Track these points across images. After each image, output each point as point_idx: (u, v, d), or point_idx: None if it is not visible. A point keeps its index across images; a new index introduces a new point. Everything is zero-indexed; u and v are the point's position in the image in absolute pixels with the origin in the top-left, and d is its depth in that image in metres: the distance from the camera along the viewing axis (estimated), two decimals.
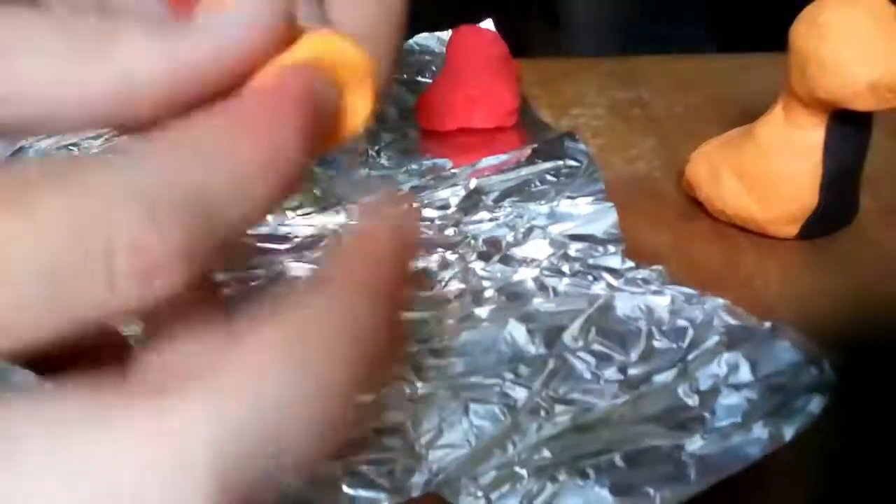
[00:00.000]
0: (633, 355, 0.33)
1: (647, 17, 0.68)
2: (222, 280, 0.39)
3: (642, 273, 0.37)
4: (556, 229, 0.41)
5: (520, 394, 0.31)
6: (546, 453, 0.29)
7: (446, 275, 0.38)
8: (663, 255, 0.41)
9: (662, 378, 0.31)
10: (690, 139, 0.52)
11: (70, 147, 0.55)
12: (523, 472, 0.28)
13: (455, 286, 0.38)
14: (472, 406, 0.31)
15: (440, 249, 0.40)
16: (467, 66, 0.54)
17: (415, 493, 0.28)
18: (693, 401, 0.30)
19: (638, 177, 0.49)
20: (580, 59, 0.63)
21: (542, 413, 0.31)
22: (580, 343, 0.34)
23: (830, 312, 0.37)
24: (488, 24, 0.60)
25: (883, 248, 0.42)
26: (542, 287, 0.37)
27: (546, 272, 0.38)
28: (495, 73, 0.54)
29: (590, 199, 0.43)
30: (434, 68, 0.62)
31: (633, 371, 0.32)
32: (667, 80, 0.60)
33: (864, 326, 0.36)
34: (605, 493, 0.27)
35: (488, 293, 0.37)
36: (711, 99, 0.58)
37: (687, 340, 0.33)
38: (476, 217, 0.43)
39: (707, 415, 0.30)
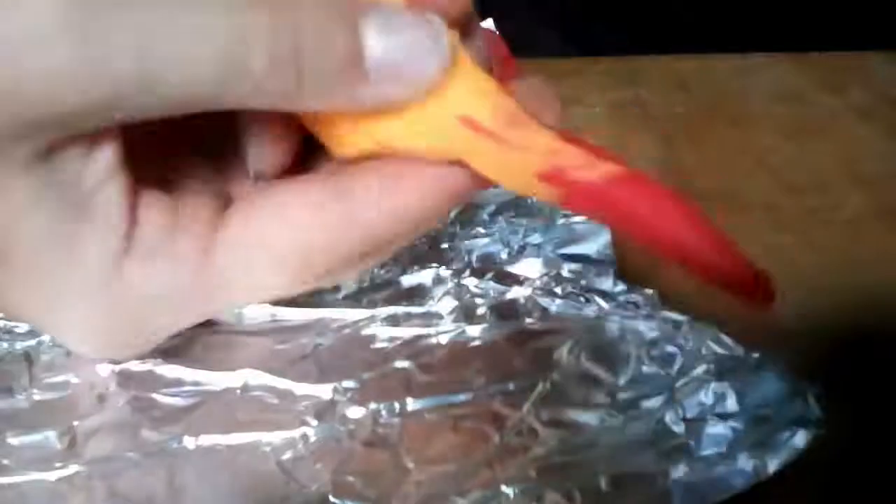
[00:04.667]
0: (622, 380, 0.33)
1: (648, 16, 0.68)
2: None
3: (634, 297, 0.37)
4: (550, 247, 0.41)
5: (509, 414, 0.32)
6: (533, 474, 0.29)
7: (439, 291, 0.39)
8: (663, 261, 0.41)
9: (650, 404, 0.32)
10: (690, 139, 0.52)
11: None
12: (509, 491, 0.29)
13: (448, 303, 0.38)
14: (461, 424, 0.31)
15: (434, 265, 0.40)
16: None
17: None
18: (679, 428, 0.30)
19: None
20: (580, 59, 0.63)
21: (531, 434, 0.31)
22: (570, 366, 0.34)
23: (830, 314, 0.37)
24: (488, 24, 0.60)
25: (883, 249, 0.42)
26: (534, 307, 0.37)
27: (538, 292, 0.38)
28: (495, 73, 0.54)
29: (584, 217, 0.43)
30: None
31: (621, 396, 0.32)
32: (667, 80, 0.60)
33: (863, 330, 0.37)
34: None
35: (480, 311, 0.37)
36: (711, 99, 0.58)
37: (675, 367, 0.33)
38: (471, 231, 0.43)
39: (693, 443, 0.30)
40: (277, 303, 0.38)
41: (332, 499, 0.28)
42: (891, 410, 0.32)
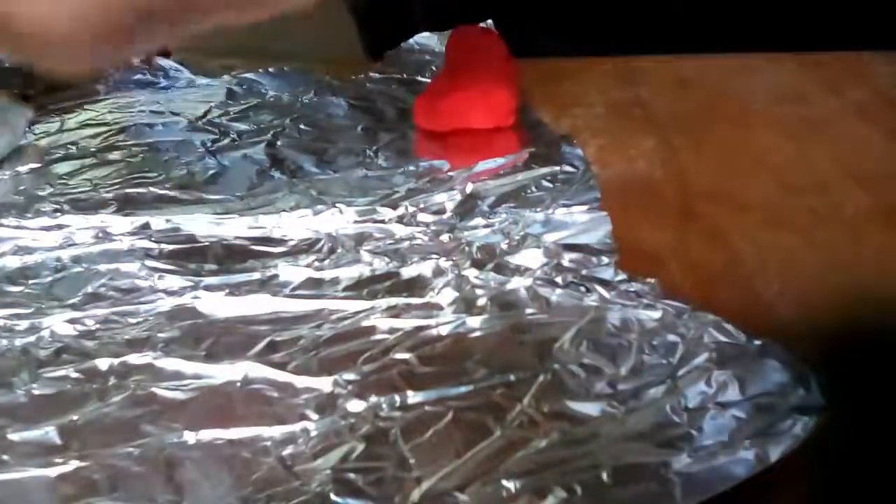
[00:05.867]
0: (623, 370, 0.33)
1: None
2: (215, 284, 0.40)
3: (635, 286, 0.37)
4: (550, 238, 0.41)
5: (510, 406, 0.32)
6: (534, 467, 0.29)
7: (439, 282, 0.39)
8: (662, 255, 0.41)
9: (651, 394, 0.31)
10: (690, 139, 0.52)
11: (69, 146, 0.56)
12: (511, 485, 0.28)
13: (448, 294, 0.38)
14: (462, 417, 0.31)
15: (434, 256, 0.40)
16: (467, 66, 0.55)
17: None
18: (681, 418, 0.30)
19: (638, 177, 0.49)
20: (580, 59, 0.63)
21: (532, 426, 0.31)
22: (571, 356, 0.34)
23: (830, 313, 0.37)
24: (488, 24, 0.60)
25: (883, 249, 0.42)
26: (535, 297, 0.37)
27: (539, 282, 0.38)
28: (495, 73, 0.54)
29: (585, 207, 0.43)
30: (434, 68, 0.62)
31: (622, 386, 0.32)
32: (667, 80, 0.60)
33: (863, 328, 0.36)
34: None
35: (481, 301, 0.37)
36: (711, 99, 0.58)
37: (677, 356, 0.33)
38: (471, 223, 0.43)
39: (694, 433, 0.30)
40: (276, 294, 0.38)
41: (333, 497, 0.28)
42: (892, 402, 0.32)
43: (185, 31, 0.23)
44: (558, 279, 0.38)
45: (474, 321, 0.36)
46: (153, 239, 0.43)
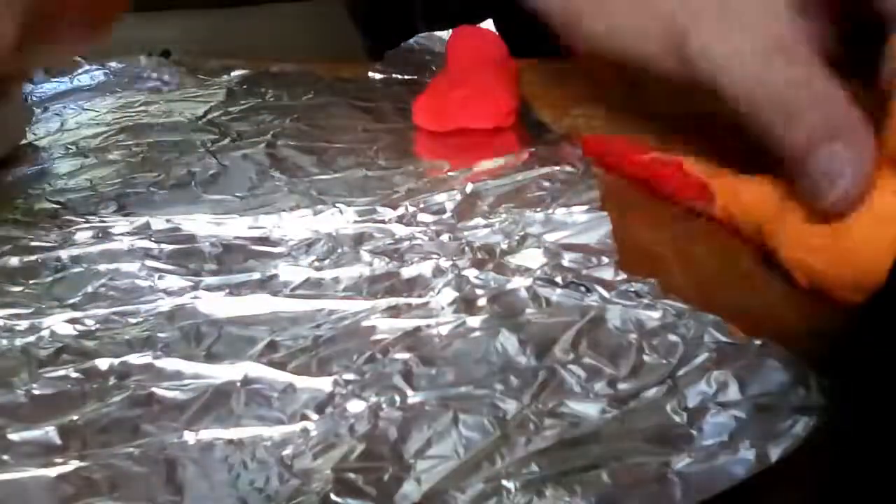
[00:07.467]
0: (623, 370, 0.33)
1: None
2: (215, 284, 0.40)
3: (635, 286, 0.37)
4: (550, 238, 0.41)
5: (509, 406, 0.31)
6: (534, 467, 0.29)
7: (439, 282, 0.39)
8: (663, 255, 0.41)
9: (651, 394, 0.31)
10: (690, 139, 0.52)
11: (69, 146, 0.56)
12: (511, 485, 0.28)
13: (448, 294, 0.38)
14: (462, 417, 0.31)
15: (434, 256, 0.40)
16: (467, 66, 0.55)
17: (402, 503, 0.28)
18: (681, 418, 0.30)
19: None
20: (580, 59, 0.63)
21: (532, 426, 0.31)
22: (571, 356, 0.34)
23: (830, 313, 0.37)
24: (488, 24, 0.60)
25: None
26: (535, 297, 0.37)
27: (539, 282, 0.38)
28: (495, 73, 0.54)
29: (584, 207, 0.43)
30: (434, 68, 0.62)
31: (622, 386, 0.32)
32: (667, 80, 0.60)
33: (863, 328, 0.36)
34: None
35: (480, 301, 0.37)
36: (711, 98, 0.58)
37: (677, 356, 0.33)
38: (471, 223, 0.43)
39: (694, 433, 0.30)
40: (276, 294, 0.38)
41: (333, 497, 0.28)
42: (892, 403, 0.32)
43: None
44: (558, 279, 0.38)
45: (474, 321, 0.36)
46: (153, 239, 0.43)
